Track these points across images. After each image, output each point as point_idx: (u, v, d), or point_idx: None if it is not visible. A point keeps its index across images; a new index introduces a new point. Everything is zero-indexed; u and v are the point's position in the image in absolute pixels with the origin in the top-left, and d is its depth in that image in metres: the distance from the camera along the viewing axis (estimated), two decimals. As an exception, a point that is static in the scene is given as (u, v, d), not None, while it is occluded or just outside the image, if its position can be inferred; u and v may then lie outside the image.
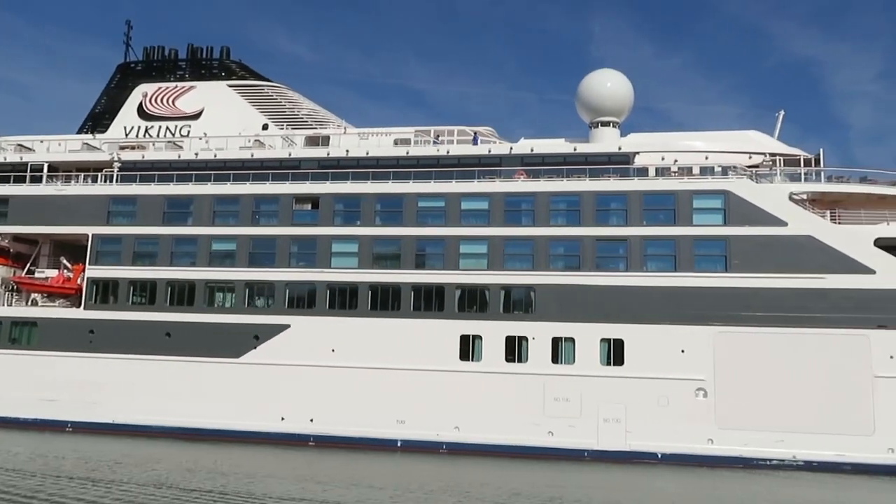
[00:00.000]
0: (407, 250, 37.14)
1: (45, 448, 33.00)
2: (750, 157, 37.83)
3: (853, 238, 33.56)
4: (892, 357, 32.35)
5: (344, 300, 37.36)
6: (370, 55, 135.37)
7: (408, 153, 39.45)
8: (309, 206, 39.06)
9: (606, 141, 38.48)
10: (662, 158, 38.08)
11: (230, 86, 46.98)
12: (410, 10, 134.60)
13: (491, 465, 32.03)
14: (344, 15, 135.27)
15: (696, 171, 37.13)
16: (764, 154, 37.50)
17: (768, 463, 32.58)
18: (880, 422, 32.08)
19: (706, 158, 37.77)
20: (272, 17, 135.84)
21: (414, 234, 37.23)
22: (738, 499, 26.70)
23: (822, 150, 36.67)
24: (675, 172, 36.89)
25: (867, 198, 35.38)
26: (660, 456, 33.39)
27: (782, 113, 40.65)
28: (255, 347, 37.52)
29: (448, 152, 39.11)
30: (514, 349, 35.36)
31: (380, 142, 41.08)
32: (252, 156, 41.29)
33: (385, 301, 36.96)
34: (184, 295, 38.93)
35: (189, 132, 45.18)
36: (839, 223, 34.62)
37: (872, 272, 33.08)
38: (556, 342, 35.07)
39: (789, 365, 33.04)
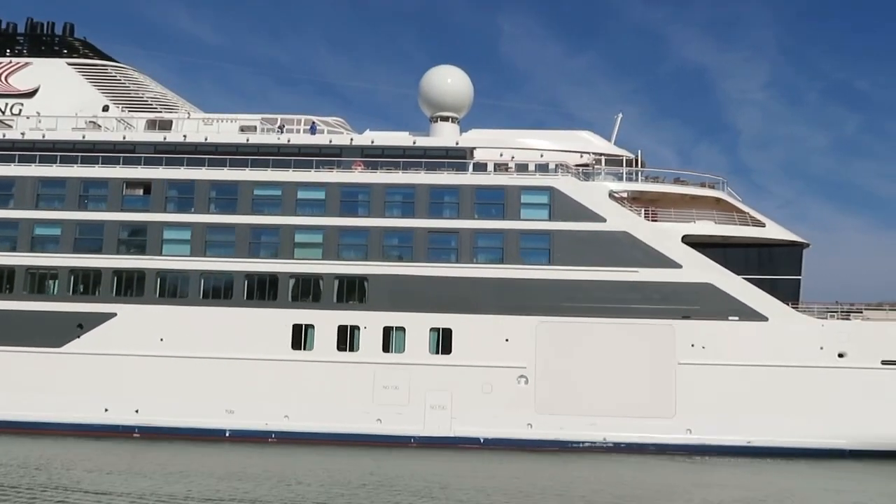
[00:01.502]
0: (241, 239, 36.80)
1: None
2: (581, 156, 39.77)
3: (663, 235, 35.99)
4: (693, 345, 34.95)
5: (174, 288, 36.64)
6: (278, 40, 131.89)
7: (247, 140, 39.03)
8: (141, 192, 38.00)
9: (445, 136, 39.43)
10: (501, 155, 39.49)
11: (70, 64, 44.81)
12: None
13: (318, 453, 32.27)
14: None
15: (531, 167, 38.70)
16: (592, 154, 39.51)
17: (581, 445, 34.52)
18: (681, 405, 34.61)
19: (541, 156, 39.43)
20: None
21: (248, 222, 36.95)
22: (553, 480, 27.91)
23: (640, 151, 39.13)
24: (510, 169, 38.31)
25: (681, 197, 37.98)
26: (482, 441, 34.71)
27: (620, 116, 42.95)
28: (78, 336, 36.16)
29: (289, 141, 38.96)
30: (346, 338, 35.80)
31: (221, 128, 40.24)
32: (84, 137, 39.65)
33: (217, 290, 36.53)
34: (2, 281, 37.01)
35: (21, 111, 42.82)
36: (657, 221, 37.02)
37: (679, 266, 35.60)
38: (387, 331, 35.75)
39: (603, 353, 35.08)
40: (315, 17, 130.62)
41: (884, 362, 34.47)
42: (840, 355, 34.65)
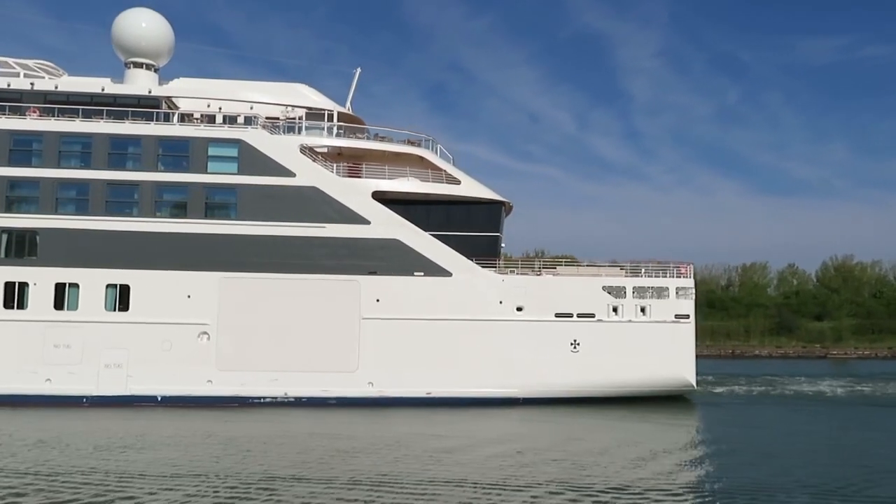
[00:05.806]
0: None
1: None
2: (292, 109, 39.01)
3: (353, 190, 35.97)
4: (378, 300, 35.40)
5: None
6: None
7: (-89, 80, 35.67)
8: None
9: (140, 83, 37.52)
10: (208, 105, 38.12)
11: None
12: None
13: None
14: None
15: (240, 120, 37.62)
16: (302, 108, 38.76)
17: (262, 401, 34.46)
18: (363, 359, 35.14)
19: (251, 108, 38.35)
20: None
21: None
22: (219, 433, 27.27)
23: (334, 106, 38.65)
24: (199, 120, 36.99)
25: (383, 154, 38.03)
26: (159, 399, 33.98)
27: (358, 70, 42.52)
28: None
29: (-39, 83, 35.94)
30: (14, 295, 33.87)
31: None
32: None
33: None
34: None
35: None
36: (362, 178, 36.89)
37: (368, 223, 35.77)
38: (60, 288, 34.10)
39: (288, 309, 34.95)
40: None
41: (557, 315, 36.27)
42: (518, 309, 36.14)
